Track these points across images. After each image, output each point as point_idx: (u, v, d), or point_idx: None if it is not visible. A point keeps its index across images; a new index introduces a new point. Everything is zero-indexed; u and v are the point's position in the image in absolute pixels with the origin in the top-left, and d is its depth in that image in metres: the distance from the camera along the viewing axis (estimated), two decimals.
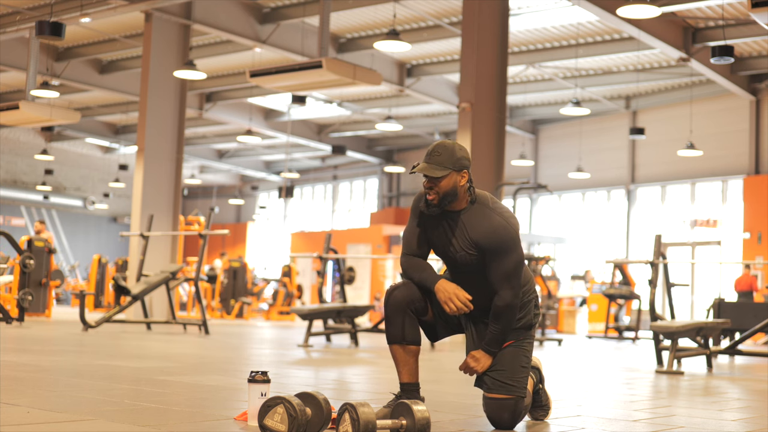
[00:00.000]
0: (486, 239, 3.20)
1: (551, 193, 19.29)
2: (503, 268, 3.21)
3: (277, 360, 6.98)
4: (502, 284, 3.22)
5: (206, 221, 11.06)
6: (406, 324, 3.29)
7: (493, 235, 3.20)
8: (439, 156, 3.18)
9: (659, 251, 7.74)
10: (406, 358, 3.30)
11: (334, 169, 28.74)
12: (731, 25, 14.54)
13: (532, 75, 18.63)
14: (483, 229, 3.21)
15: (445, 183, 3.19)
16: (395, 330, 3.30)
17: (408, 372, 3.30)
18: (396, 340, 3.30)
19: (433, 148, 3.22)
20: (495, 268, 3.22)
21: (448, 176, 3.18)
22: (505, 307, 3.23)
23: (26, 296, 11.12)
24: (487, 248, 3.21)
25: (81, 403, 3.49)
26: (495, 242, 3.20)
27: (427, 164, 3.19)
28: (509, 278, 3.22)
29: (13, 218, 27.91)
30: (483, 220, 3.23)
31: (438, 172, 3.17)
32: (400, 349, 3.30)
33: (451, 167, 3.18)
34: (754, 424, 3.85)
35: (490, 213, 3.23)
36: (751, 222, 18.31)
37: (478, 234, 3.22)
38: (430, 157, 3.20)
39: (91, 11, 13.74)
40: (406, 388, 3.29)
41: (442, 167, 3.17)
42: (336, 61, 12.05)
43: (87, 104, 23.02)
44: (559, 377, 6.34)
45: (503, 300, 3.22)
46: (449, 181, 3.19)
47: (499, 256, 3.20)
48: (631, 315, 16.76)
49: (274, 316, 19.73)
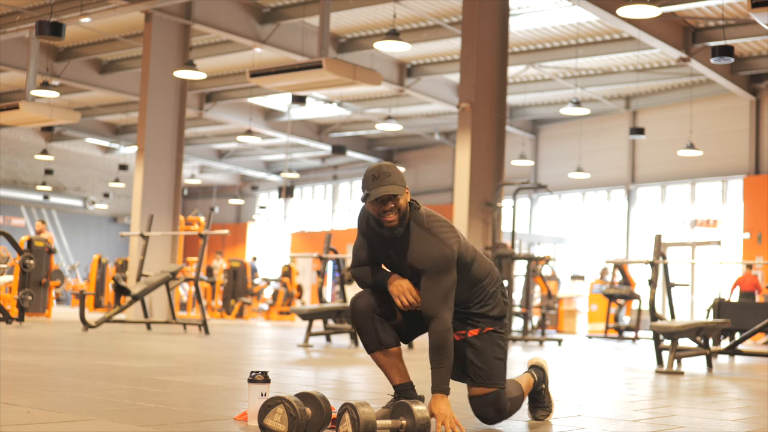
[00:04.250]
0: (423, 263, 3.18)
1: (551, 193, 19.32)
2: (440, 289, 3.16)
3: (277, 360, 6.98)
4: (440, 306, 3.15)
5: (206, 221, 11.06)
6: (378, 329, 3.27)
7: (430, 258, 3.17)
8: (389, 176, 3.13)
9: (659, 251, 7.74)
10: (391, 361, 3.28)
11: (334, 169, 28.73)
12: (731, 25, 14.53)
13: (532, 75, 18.62)
14: (421, 252, 3.19)
15: (402, 201, 3.16)
16: (370, 337, 3.27)
17: (398, 374, 3.28)
18: (374, 348, 3.28)
19: (379, 173, 3.14)
20: (432, 288, 3.16)
21: (404, 195, 3.17)
22: (447, 330, 3.14)
23: (26, 296, 11.12)
24: (424, 270, 3.18)
25: (81, 403, 3.49)
26: (435, 265, 3.17)
27: (384, 186, 3.12)
28: (447, 298, 3.17)
29: (13, 218, 27.90)
30: (421, 242, 3.20)
31: (399, 189, 3.13)
32: (382, 355, 3.28)
33: (404, 185, 3.17)
34: (754, 424, 3.86)
35: (427, 235, 3.20)
36: (751, 222, 18.31)
37: (416, 257, 3.19)
38: (381, 180, 3.13)
39: (91, 11, 13.74)
40: (401, 389, 3.27)
41: (399, 186, 3.14)
42: (336, 61, 12.05)
43: (87, 104, 23.02)
44: (559, 377, 6.34)
45: (442, 324, 3.15)
46: (404, 199, 3.18)
47: (436, 277, 3.17)
48: (631, 315, 16.75)
49: (274, 316, 19.73)
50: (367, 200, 3.14)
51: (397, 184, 3.13)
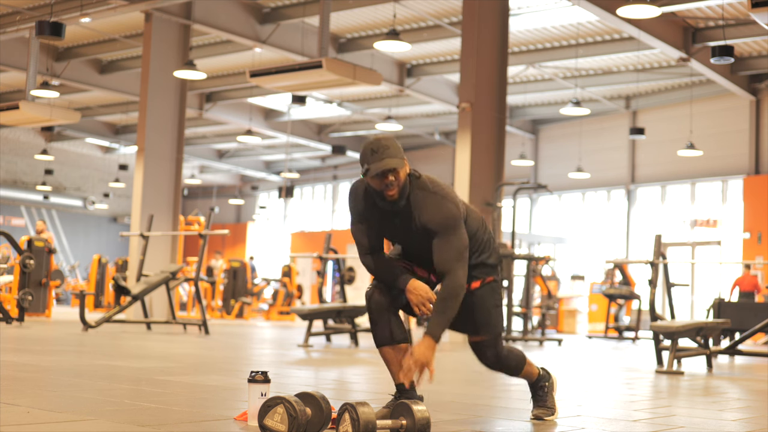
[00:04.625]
0: (433, 223, 3.21)
1: (551, 193, 19.29)
2: (453, 246, 3.20)
3: (277, 360, 6.98)
4: (454, 263, 3.20)
5: (206, 221, 11.06)
6: (393, 323, 3.30)
7: (440, 218, 3.21)
8: (388, 150, 3.14)
9: (659, 251, 7.74)
10: (398, 357, 3.28)
11: (334, 169, 28.74)
12: (731, 25, 14.53)
13: (532, 75, 18.63)
14: (430, 213, 3.22)
15: (402, 173, 3.17)
16: (383, 331, 3.29)
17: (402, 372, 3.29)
18: (385, 342, 3.29)
19: (377, 146, 3.15)
20: (446, 248, 3.21)
21: (404, 167, 3.18)
22: (460, 287, 3.19)
23: (26, 296, 11.12)
24: (436, 230, 3.21)
25: (81, 403, 3.49)
26: (443, 224, 3.21)
27: (383, 160, 3.13)
28: (460, 256, 3.21)
29: (13, 218, 27.90)
30: (428, 204, 3.22)
31: (400, 163, 3.14)
32: (391, 350, 3.30)
33: (402, 156, 3.17)
34: (754, 424, 3.85)
35: (433, 196, 3.23)
36: (751, 222, 18.31)
37: (426, 218, 3.22)
38: (381, 154, 3.14)
39: (91, 11, 13.74)
40: (402, 388, 3.27)
41: (398, 158, 3.15)
42: (336, 61, 12.05)
43: (87, 104, 23.02)
44: (559, 377, 6.34)
45: (458, 279, 3.19)
46: (404, 171, 3.18)
47: (448, 235, 3.20)
48: (631, 315, 16.75)
49: (274, 316, 19.73)
50: (368, 175, 3.15)
51: (397, 157, 3.14)
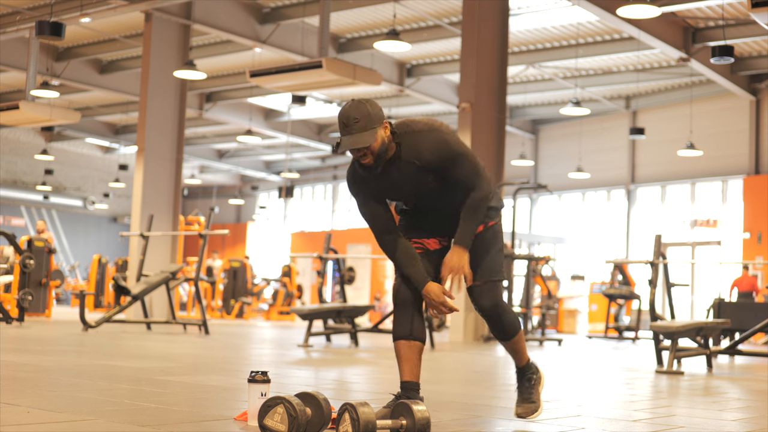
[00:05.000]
0: (433, 157, 3.20)
1: (551, 193, 19.30)
2: (465, 169, 3.23)
3: (277, 360, 6.98)
4: (476, 179, 3.25)
5: (206, 221, 11.06)
6: (414, 320, 3.32)
7: (435, 150, 3.20)
8: (357, 122, 3.12)
9: (659, 251, 7.74)
10: (410, 354, 3.30)
11: (334, 169, 28.73)
12: (731, 25, 14.53)
13: (532, 75, 18.62)
14: (425, 151, 3.20)
15: (375, 144, 3.15)
16: (403, 325, 3.32)
17: (410, 370, 3.29)
18: (403, 336, 3.31)
19: (347, 118, 3.13)
20: (459, 174, 3.23)
21: (376, 138, 3.14)
22: (486, 195, 3.26)
23: (26, 296, 11.12)
24: (440, 164, 3.21)
25: (81, 403, 3.49)
26: (442, 156, 3.20)
27: (352, 136, 3.12)
28: (477, 172, 3.25)
29: (13, 218, 27.90)
30: (420, 144, 3.21)
31: (368, 139, 3.11)
32: (405, 345, 3.31)
33: (374, 126, 3.13)
34: (754, 424, 3.85)
35: (421, 135, 3.22)
36: (751, 222, 18.31)
37: (425, 157, 3.21)
38: (350, 128, 3.12)
39: (91, 11, 13.74)
40: (406, 387, 3.28)
41: (368, 131, 3.12)
42: (336, 61, 12.05)
43: (87, 104, 23.02)
44: (559, 377, 6.34)
45: (482, 191, 3.25)
46: (378, 139, 3.15)
47: (455, 164, 3.22)
48: (631, 315, 16.76)
49: (274, 316, 19.73)
50: (338, 150, 3.15)
51: (367, 130, 3.12)
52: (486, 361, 8.13)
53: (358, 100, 3.18)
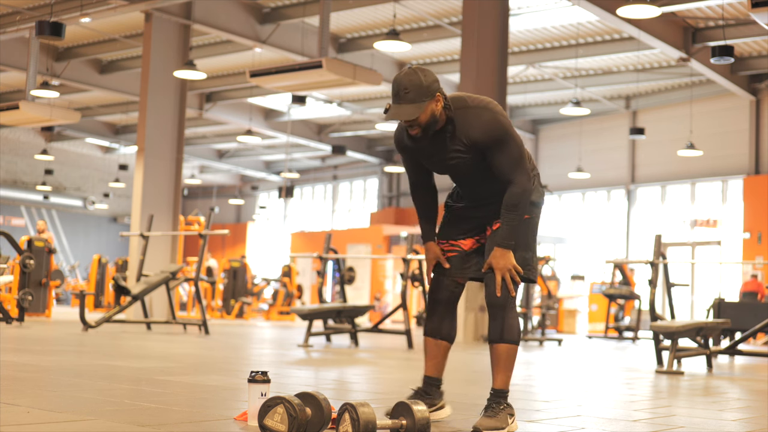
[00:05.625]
0: (483, 136, 3.16)
1: (551, 193, 19.30)
2: (510, 156, 3.17)
3: (277, 360, 6.98)
4: (513, 172, 3.18)
5: (206, 221, 11.06)
6: (445, 319, 3.40)
7: (487, 129, 3.16)
8: (408, 93, 3.09)
9: (659, 251, 7.74)
10: (436, 351, 3.40)
11: (334, 169, 28.74)
12: (731, 25, 14.53)
13: (532, 75, 18.63)
14: (476, 128, 3.17)
15: (423, 117, 3.12)
16: (433, 323, 3.40)
17: (434, 366, 3.41)
18: (432, 333, 3.40)
19: (398, 87, 3.10)
20: (501, 160, 3.17)
21: (424, 110, 3.12)
22: (523, 192, 3.18)
23: (26, 296, 11.12)
24: (488, 144, 3.17)
25: (81, 403, 3.49)
26: (492, 135, 3.16)
27: (399, 106, 3.10)
28: (518, 164, 3.18)
29: (13, 218, 27.90)
30: (472, 120, 3.18)
31: (414, 112, 3.09)
32: (433, 342, 3.41)
33: (424, 99, 3.10)
34: (754, 424, 3.85)
35: (474, 111, 3.19)
36: (751, 222, 18.31)
37: (474, 135, 3.17)
38: (400, 98, 3.10)
39: (91, 11, 13.74)
40: (427, 381, 3.41)
41: (416, 104, 3.09)
42: (336, 61, 12.05)
43: (87, 104, 23.02)
44: (559, 377, 6.34)
45: (520, 186, 3.18)
46: (427, 112, 3.12)
47: (501, 147, 3.17)
48: (631, 315, 16.76)
49: (274, 316, 19.72)
50: (386, 118, 3.19)
51: (416, 103, 3.09)
52: (486, 361, 8.13)
53: (414, 69, 3.15)
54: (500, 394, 3.23)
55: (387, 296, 21.99)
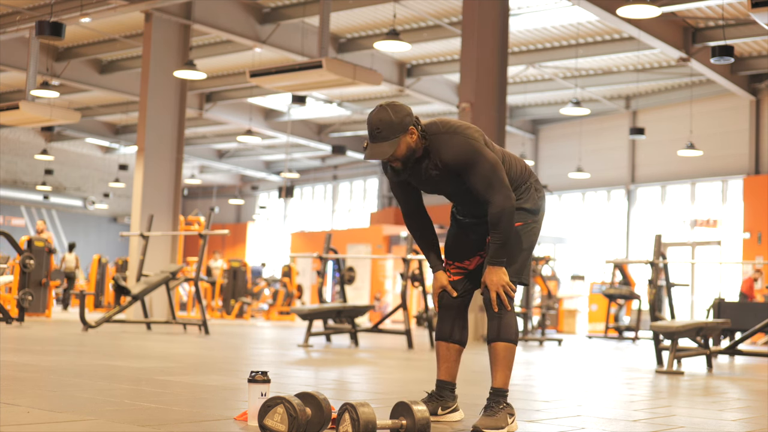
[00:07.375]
0: (454, 160, 3.22)
1: (551, 193, 19.30)
2: (482, 178, 3.21)
3: (277, 360, 6.98)
4: (488, 192, 3.22)
5: (206, 221, 11.06)
6: (456, 324, 3.45)
7: (458, 153, 3.21)
8: (380, 132, 3.17)
9: (659, 251, 7.74)
10: (448, 355, 3.46)
11: (334, 169, 28.74)
12: (731, 25, 14.53)
13: (532, 75, 18.63)
14: (446, 153, 3.23)
15: (399, 152, 3.20)
16: (444, 327, 3.46)
17: (446, 370, 3.47)
18: (444, 337, 3.46)
19: (371, 126, 3.18)
20: (475, 182, 3.22)
21: (399, 146, 3.19)
22: (501, 211, 3.20)
23: (26, 296, 11.12)
24: (460, 167, 3.22)
25: (81, 403, 3.49)
26: (462, 159, 3.21)
27: (374, 145, 3.18)
28: (492, 184, 3.21)
29: (13, 218, 27.91)
30: (442, 145, 3.24)
31: (388, 150, 3.16)
32: (445, 346, 3.46)
33: (397, 135, 3.17)
34: (754, 424, 3.86)
35: (445, 137, 3.25)
36: (751, 222, 18.31)
37: (445, 159, 3.23)
38: (374, 137, 3.18)
39: (91, 11, 13.74)
40: (440, 385, 3.46)
41: (390, 141, 3.16)
42: (336, 61, 12.05)
43: (87, 104, 23.02)
44: (559, 377, 6.34)
45: (497, 206, 3.21)
46: (402, 146, 3.20)
47: (473, 169, 3.21)
48: (631, 315, 16.76)
49: (274, 316, 19.73)
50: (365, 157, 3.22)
51: (390, 140, 3.16)
52: (486, 361, 8.13)
53: (384, 106, 3.22)
54: (500, 393, 3.29)
55: (387, 296, 21.99)
